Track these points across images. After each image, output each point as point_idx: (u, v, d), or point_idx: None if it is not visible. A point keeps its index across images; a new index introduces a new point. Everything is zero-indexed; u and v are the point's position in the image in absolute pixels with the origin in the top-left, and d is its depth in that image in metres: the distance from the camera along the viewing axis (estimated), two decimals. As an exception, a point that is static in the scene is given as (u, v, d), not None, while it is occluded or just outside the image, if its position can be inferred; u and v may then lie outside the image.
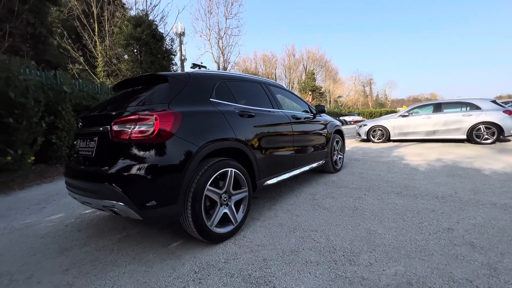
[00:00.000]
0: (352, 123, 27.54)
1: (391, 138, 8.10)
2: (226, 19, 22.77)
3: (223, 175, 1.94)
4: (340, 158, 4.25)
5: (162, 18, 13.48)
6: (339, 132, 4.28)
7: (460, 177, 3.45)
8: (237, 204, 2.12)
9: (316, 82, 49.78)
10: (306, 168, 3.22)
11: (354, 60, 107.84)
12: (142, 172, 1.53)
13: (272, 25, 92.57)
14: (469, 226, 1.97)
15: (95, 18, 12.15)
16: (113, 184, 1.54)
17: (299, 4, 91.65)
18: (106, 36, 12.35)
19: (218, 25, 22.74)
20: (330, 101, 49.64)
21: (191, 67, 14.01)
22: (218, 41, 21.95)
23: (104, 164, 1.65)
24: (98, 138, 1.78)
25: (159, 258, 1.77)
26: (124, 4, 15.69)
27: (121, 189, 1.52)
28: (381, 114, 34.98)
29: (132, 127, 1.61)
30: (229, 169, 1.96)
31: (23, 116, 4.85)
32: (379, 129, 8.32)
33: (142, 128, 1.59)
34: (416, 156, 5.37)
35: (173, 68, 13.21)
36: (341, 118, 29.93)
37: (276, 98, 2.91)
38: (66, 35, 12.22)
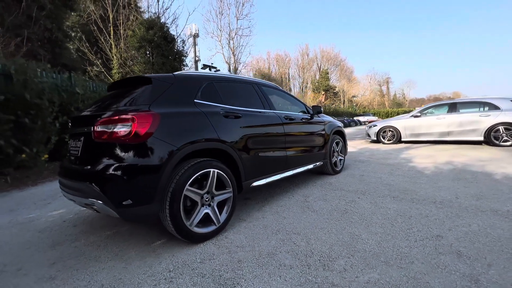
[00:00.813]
0: (367, 123, 26.78)
1: (402, 139, 7.80)
2: (237, 19, 22.99)
3: (205, 176, 1.96)
4: (340, 159, 4.15)
5: (173, 20, 13.80)
6: (340, 133, 4.19)
7: (466, 181, 3.27)
8: (221, 204, 2.13)
9: (331, 81, 48.96)
10: (301, 169, 3.17)
11: (370, 59, 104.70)
12: (118, 172, 1.58)
13: (284, 25, 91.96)
14: (461, 234, 1.86)
15: (111, 22, 12.65)
16: (93, 183, 1.60)
17: (307, 4, 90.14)
18: (121, 39, 12.84)
19: (229, 26, 22.96)
20: (344, 101, 48.60)
21: (201, 68, 14.24)
22: (229, 42, 22.17)
23: (87, 164, 1.72)
24: (84, 138, 1.86)
25: (140, 255, 1.82)
26: (139, 7, 16.26)
27: (99, 187, 1.58)
28: (398, 114, 33.77)
29: (112, 127, 1.67)
30: (211, 169, 1.98)
31: (38, 116, 5.14)
32: (389, 130, 8.03)
33: (121, 129, 1.65)
34: (425, 158, 5.14)
35: (184, 69, 13.47)
36: (355, 118, 29.23)
37: (268, 98, 2.90)
38: (84, 39, 12.85)
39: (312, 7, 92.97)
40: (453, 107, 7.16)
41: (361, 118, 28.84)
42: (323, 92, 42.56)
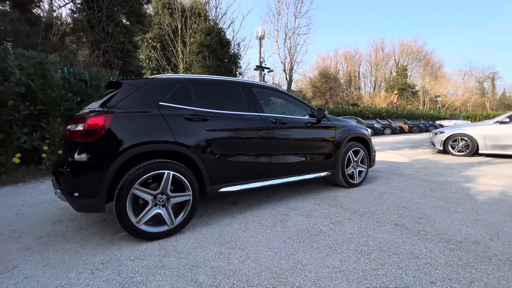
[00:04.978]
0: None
1: (480, 152, 6.10)
2: (296, 18, 22.47)
3: (160, 177, 2.01)
4: (360, 171, 3.56)
5: (229, 25, 14.62)
6: (361, 140, 3.59)
7: (532, 218, 2.30)
8: (181, 207, 2.15)
9: (410, 79, 42.52)
10: (295, 178, 2.87)
11: (467, 51, 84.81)
12: (67, 167, 1.79)
13: (355, 19, 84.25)
14: (444, 292, 1.33)
15: (179, 31, 14.36)
16: (54, 175, 1.87)
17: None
18: (187, 46, 14.43)
19: (286, 26, 22.69)
20: (424, 101, 41.30)
21: (254, 69, 14.62)
22: (285, 41, 21.95)
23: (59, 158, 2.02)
24: (65, 135, 2.18)
25: (98, 243, 2.01)
26: (208, 15, 17.91)
27: (56, 179, 1.83)
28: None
29: (75, 127, 1.90)
30: (166, 171, 2.01)
31: (103, 114, 6.31)
32: (461, 139, 6.40)
33: (78, 128, 1.86)
34: (498, 179, 3.88)
35: (238, 71, 14.11)
36: (436, 122, 24.49)
37: (256, 100, 2.73)
38: (159, 48, 15.05)
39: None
40: None
41: (445, 122, 23.50)
42: (395, 92, 37.32)
